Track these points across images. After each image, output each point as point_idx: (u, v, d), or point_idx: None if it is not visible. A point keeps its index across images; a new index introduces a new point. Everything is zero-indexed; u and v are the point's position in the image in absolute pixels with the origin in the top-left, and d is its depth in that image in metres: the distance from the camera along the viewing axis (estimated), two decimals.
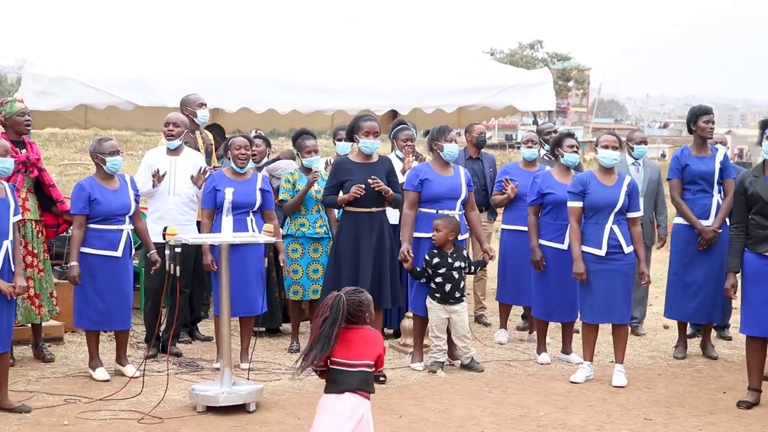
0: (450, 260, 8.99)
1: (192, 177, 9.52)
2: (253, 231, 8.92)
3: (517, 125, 79.40)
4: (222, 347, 7.95)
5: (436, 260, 8.97)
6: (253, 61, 12.12)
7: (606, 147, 8.85)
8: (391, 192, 8.75)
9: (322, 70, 12.20)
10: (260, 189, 9.14)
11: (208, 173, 9.44)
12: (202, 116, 10.31)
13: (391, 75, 12.48)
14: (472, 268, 9.28)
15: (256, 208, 9.10)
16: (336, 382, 5.73)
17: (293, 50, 12.51)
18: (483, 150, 11.63)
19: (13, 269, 7.49)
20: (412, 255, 8.95)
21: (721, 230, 9.53)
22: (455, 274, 9.00)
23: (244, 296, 8.88)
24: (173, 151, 9.65)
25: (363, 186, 8.57)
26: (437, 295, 9.00)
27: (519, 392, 8.49)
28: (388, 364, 9.12)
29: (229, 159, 9.25)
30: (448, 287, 8.98)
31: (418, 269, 9.01)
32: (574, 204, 8.85)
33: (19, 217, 7.77)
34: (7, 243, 7.44)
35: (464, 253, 9.17)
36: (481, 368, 9.18)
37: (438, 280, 8.98)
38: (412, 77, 12.59)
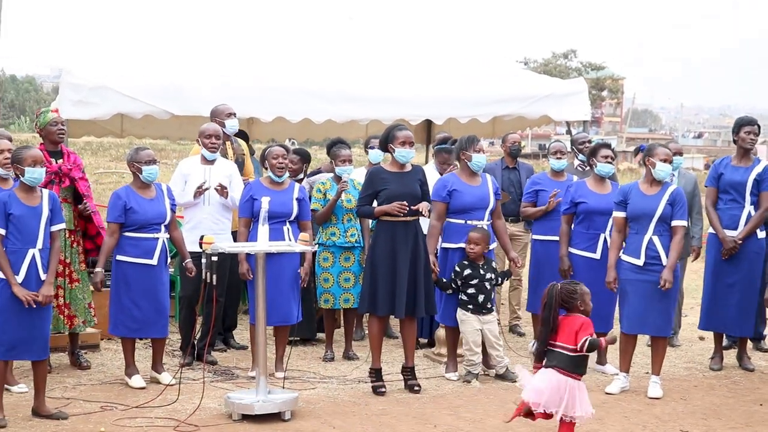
0: (481, 271, 9.00)
1: (217, 190, 9.53)
2: (289, 240, 8.95)
3: (550, 135, 79.19)
4: (258, 356, 7.97)
5: (467, 272, 8.98)
6: (289, 70, 12.16)
7: (664, 160, 8.77)
8: (430, 208, 8.75)
9: (358, 79, 12.23)
10: (297, 198, 9.17)
11: (206, 187, 9.42)
12: (231, 126, 10.33)
13: (426, 84, 12.49)
14: (500, 279, 9.28)
15: (292, 218, 9.13)
16: (548, 359, 7.09)
17: (329, 60, 12.55)
18: (520, 160, 11.61)
19: (42, 278, 7.55)
20: (438, 268, 8.98)
21: (742, 241, 9.49)
22: (487, 285, 9.00)
23: (279, 305, 8.91)
24: (207, 161, 9.69)
25: (406, 204, 8.55)
26: (470, 306, 8.99)
27: None
28: (422, 373, 9.13)
29: (266, 168, 9.28)
30: (480, 298, 8.98)
31: (445, 280, 9.04)
32: (618, 214, 8.84)
33: (62, 226, 7.82)
34: (33, 251, 7.50)
35: (493, 264, 9.15)
36: (515, 378, 9.16)
37: (470, 291, 8.98)
38: (447, 87, 12.59)
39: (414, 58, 13.23)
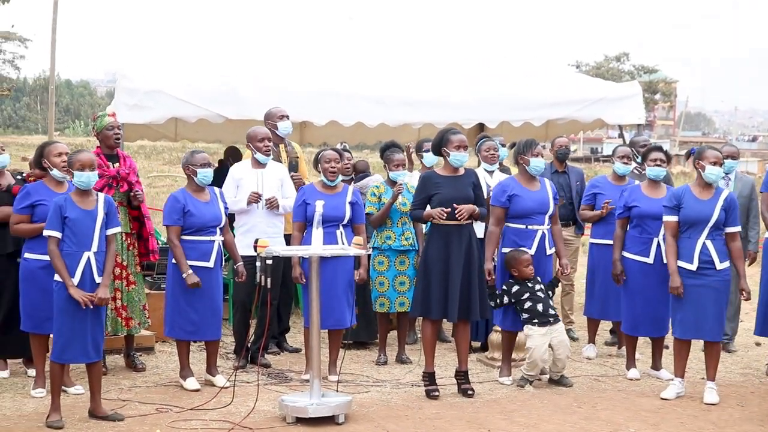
0: (529, 284, 8.98)
1: (268, 201, 9.58)
2: (343, 244, 8.96)
3: (602, 138, 78.76)
4: (312, 359, 7.99)
5: (515, 288, 9.00)
6: (343, 74, 12.19)
7: (714, 163, 8.69)
8: (477, 211, 8.72)
9: (411, 83, 12.23)
10: (350, 202, 9.18)
11: (259, 193, 9.44)
12: (284, 128, 10.37)
13: (479, 88, 12.46)
14: (552, 289, 9.26)
15: (345, 222, 9.14)
16: None
17: (383, 64, 12.56)
18: (570, 163, 11.56)
19: (97, 280, 7.63)
20: (494, 276, 8.97)
21: None
22: (540, 294, 8.99)
23: (333, 309, 8.92)
24: (260, 165, 9.73)
25: (447, 211, 8.53)
26: (534, 320, 8.97)
27: (608, 408, 8.41)
28: (475, 377, 9.12)
29: (319, 172, 9.29)
30: (540, 307, 8.95)
31: (497, 292, 9.05)
32: (670, 218, 8.74)
33: (117, 229, 7.89)
34: (89, 254, 7.57)
35: (537, 277, 9.13)
36: (570, 383, 9.12)
37: (526, 305, 8.97)
38: (500, 90, 12.55)
39: (467, 61, 13.21)
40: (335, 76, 12.13)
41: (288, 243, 9.61)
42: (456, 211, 8.51)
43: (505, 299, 9.05)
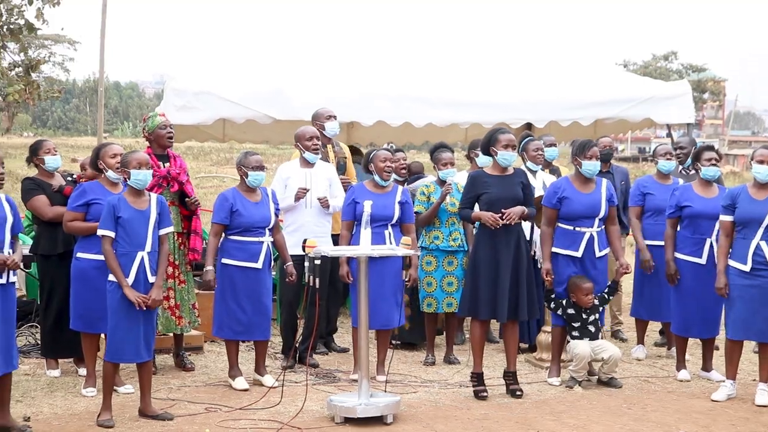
0: (584, 315, 8.95)
1: (320, 200, 9.61)
2: (391, 244, 8.96)
3: (650, 138, 78.24)
4: (360, 359, 7.99)
5: (570, 311, 8.97)
6: (390, 75, 12.21)
7: (761, 162, 8.59)
8: (527, 212, 8.68)
9: (459, 83, 12.23)
10: (399, 202, 9.18)
11: (307, 188, 9.42)
12: (331, 128, 10.38)
13: (526, 88, 12.44)
14: (608, 297, 9.20)
15: (394, 221, 9.13)
16: None
17: (429, 64, 12.57)
18: (616, 163, 11.48)
19: (151, 280, 7.68)
20: (553, 276, 8.95)
21: None
22: (591, 328, 8.99)
23: (381, 309, 8.91)
24: (308, 164, 9.75)
25: (499, 219, 8.50)
26: (576, 334, 9.01)
27: (658, 409, 8.34)
28: (524, 378, 9.08)
29: (372, 172, 9.28)
30: (585, 339, 8.99)
31: (554, 295, 9.01)
32: (725, 218, 8.66)
33: (170, 229, 7.94)
34: (142, 254, 7.62)
35: (596, 303, 9.06)
36: (620, 384, 9.05)
37: (575, 333, 9.02)
38: (548, 90, 12.52)
39: (515, 61, 13.19)
40: (383, 77, 12.15)
41: (336, 242, 9.63)
42: (505, 217, 8.48)
43: (558, 310, 9.03)
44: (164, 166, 9.21)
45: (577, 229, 9.00)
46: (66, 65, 60.55)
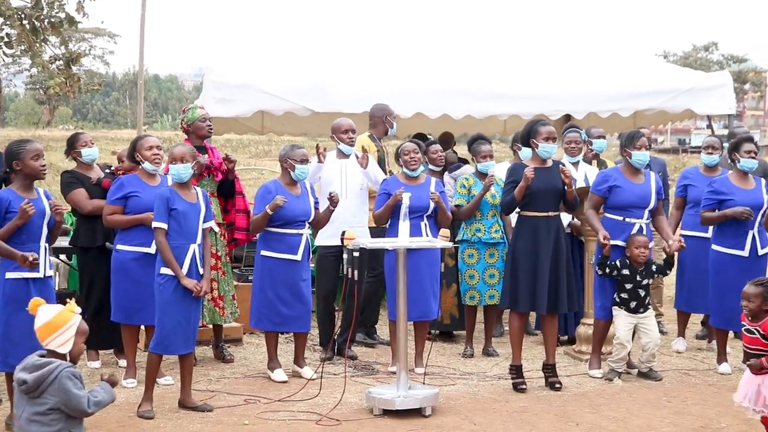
0: (638, 277, 8.82)
1: (357, 157, 9.59)
2: (427, 235, 8.95)
3: (690, 129, 77.66)
4: (398, 351, 7.98)
5: (625, 271, 8.82)
6: (428, 67, 12.19)
7: None
8: (572, 189, 8.62)
9: (497, 75, 12.19)
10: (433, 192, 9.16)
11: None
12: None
13: (565, 79, 12.37)
14: (664, 271, 9.10)
15: (429, 212, 9.12)
16: None
17: (468, 56, 12.53)
18: (654, 155, 11.40)
19: (201, 272, 7.71)
20: (609, 242, 8.75)
21: None
22: (641, 292, 8.86)
23: (418, 301, 8.90)
24: (343, 156, 9.76)
25: (531, 170, 8.45)
26: (622, 306, 8.87)
27: (699, 402, 8.29)
28: (563, 371, 9.04)
29: (400, 165, 9.29)
30: (633, 304, 8.84)
31: (610, 263, 8.83)
32: None
33: (212, 223, 7.97)
34: (194, 246, 7.65)
35: (652, 268, 8.97)
36: (660, 377, 9.00)
37: (623, 295, 8.86)
38: (587, 81, 12.45)
39: (553, 52, 13.12)
40: (421, 69, 12.13)
41: (372, 235, 9.62)
42: (562, 172, 8.44)
43: (613, 273, 8.86)
44: (204, 157, 9.25)
45: (627, 219, 8.91)
46: (106, 58, 60.93)
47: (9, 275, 7.04)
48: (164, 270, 7.58)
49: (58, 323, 5.15)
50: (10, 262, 7.02)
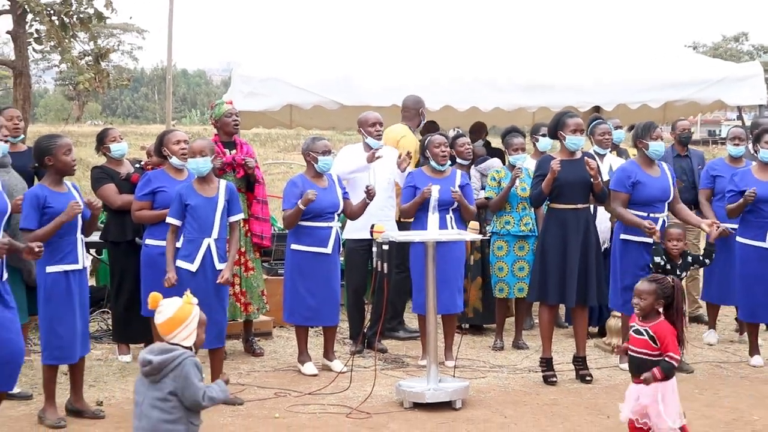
0: (678, 271, 8.75)
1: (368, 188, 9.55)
2: (452, 228, 8.93)
3: (720, 120, 77.21)
4: (428, 344, 7.98)
5: (668, 266, 8.72)
6: (457, 59, 12.16)
7: None
8: (599, 181, 8.57)
9: (526, 67, 12.14)
10: (460, 185, 9.14)
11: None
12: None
13: (594, 71, 12.31)
14: (703, 260, 9.00)
15: (455, 205, 9.08)
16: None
17: (496, 48, 12.49)
18: (690, 146, 11.34)
19: (218, 267, 7.76)
20: (658, 230, 8.62)
21: None
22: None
23: (443, 294, 8.85)
24: (370, 149, 9.73)
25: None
26: None
27: (731, 395, 8.24)
28: (593, 363, 9.01)
29: (427, 158, 9.25)
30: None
31: (662, 249, 8.66)
32: None
33: (240, 216, 7.99)
34: (209, 240, 7.69)
35: (688, 259, 8.90)
36: (691, 369, 8.95)
37: None
38: (616, 73, 12.38)
39: (582, 44, 13.05)
40: (449, 61, 12.10)
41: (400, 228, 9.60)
42: (587, 164, 8.40)
43: (659, 270, 8.58)
44: (230, 153, 9.26)
45: (652, 215, 8.82)
46: (134, 54, 61.19)
47: (50, 269, 7.09)
48: (179, 263, 7.64)
49: (181, 317, 5.21)
50: (51, 257, 7.06)
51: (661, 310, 6.23)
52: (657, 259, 8.66)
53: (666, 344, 6.11)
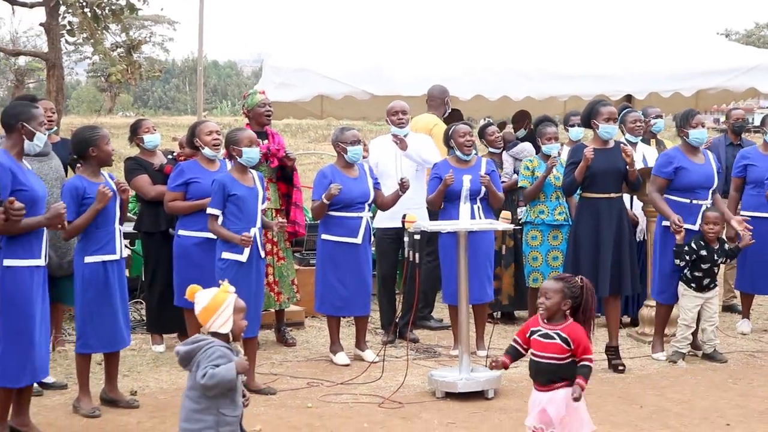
0: (715, 256, 8.69)
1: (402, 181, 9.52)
2: (480, 218, 8.91)
3: (753, 108, 76.66)
4: (460, 334, 7.98)
5: (703, 252, 8.68)
6: (487, 48, 12.13)
7: None
8: (634, 169, 8.53)
9: (557, 55, 12.11)
10: (486, 173, 9.11)
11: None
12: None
13: (626, 59, 12.26)
14: (729, 258, 8.97)
15: (482, 195, 9.05)
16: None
17: (527, 37, 12.46)
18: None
19: (261, 255, 7.80)
20: (683, 226, 8.62)
21: None
22: (715, 270, 8.74)
23: (474, 284, 8.81)
24: (396, 137, 9.74)
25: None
26: (693, 285, 8.75)
27: (765, 384, 8.19)
28: (626, 353, 8.97)
29: (453, 148, 9.21)
30: (706, 281, 8.73)
31: (687, 248, 8.67)
32: None
33: (266, 205, 8.03)
34: (254, 230, 7.71)
35: (726, 246, 8.85)
36: (725, 359, 8.91)
37: (697, 273, 8.72)
38: (648, 61, 12.32)
39: (613, 32, 12.99)
40: (480, 50, 12.09)
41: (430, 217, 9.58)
42: (624, 151, 8.35)
43: (693, 257, 8.67)
44: (263, 143, 9.28)
45: (695, 201, 8.78)
46: (165, 45, 61.28)
47: (88, 259, 7.16)
48: (225, 254, 7.65)
49: (215, 306, 5.24)
50: (89, 247, 7.14)
51: (568, 312, 5.72)
52: (678, 261, 8.65)
53: (582, 347, 5.65)
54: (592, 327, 5.77)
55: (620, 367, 8.55)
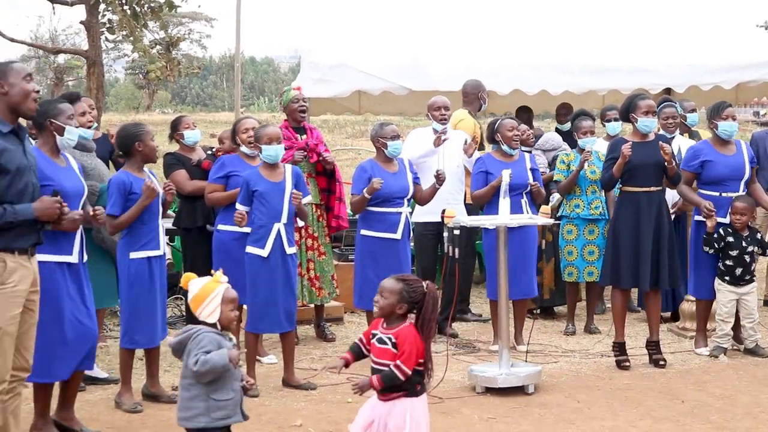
0: (744, 243, 8.64)
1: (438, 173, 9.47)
2: (527, 212, 8.89)
3: None
4: (500, 329, 7.97)
5: (729, 239, 8.62)
6: (526, 43, 12.11)
7: None
8: (674, 164, 8.49)
9: (596, 49, 12.06)
10: (531, 168, 9.10)
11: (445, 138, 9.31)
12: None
13: (665, 52, 12.18)
14: (765, 250, 8.90)
15: (528, 189, 9.04)
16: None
17: (566, 31, 12.41)
18: (758, 129, 11.20)
19: (288, 251, 7.81)
20: (713, 208, 8.56)
21: None
22: (747, 258, 8.66)
23: (519, 279, 8.84)
24: (437, 133, 9.73)
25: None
26: (727, 277, 8.69)
27: None
28: (666, 348, 8.92)
29: (498, 142, 9.19)
30: (738, 271, 8.65)
31: (715, 235, 8.63)
32: None
33: (308, 199, 8.06)
34: (278, 225, 7.73)
35: (758, 236, 8.78)
36: (767, 354, 8.84)
37: (728, 262, 8.66)
38: (688, 54, 12.24)
39: (652, 25, 12.92)
40: (518, 45, 12.06)
41: (468, 213, 9.57)
42: (662, 148, 8.32)
43: (720, 244, 8.63)
44: (301, 138, 9.31)
45: (724, 194, 8.72)
46: (203, 42, 61.51)
47: (133, 255, 7.23)
48: (249, 249, 7.71)
49: (204, 295, 5.27)
50: (134, 243, 7.23)
51: (408, 316, 5.34)
52: (707, 248, 8.60)
53: (407, 353, 5.17)
54: (430, 337, 5.29)
55: (661, 362, 8.50)
